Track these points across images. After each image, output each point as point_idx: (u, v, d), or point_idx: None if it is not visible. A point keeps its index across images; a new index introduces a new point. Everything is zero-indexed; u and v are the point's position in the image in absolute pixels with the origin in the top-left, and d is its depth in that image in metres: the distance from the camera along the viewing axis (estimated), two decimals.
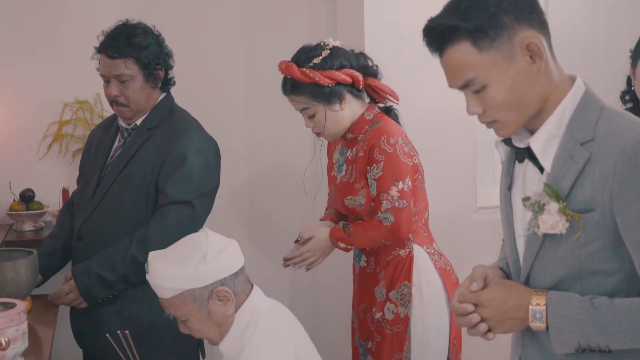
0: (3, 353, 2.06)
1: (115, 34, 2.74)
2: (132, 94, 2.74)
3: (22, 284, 2.53)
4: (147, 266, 2.09)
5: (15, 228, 3.85)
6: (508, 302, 1.68)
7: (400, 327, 2.70)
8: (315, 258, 2.82)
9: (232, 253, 2.09)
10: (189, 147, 2.71)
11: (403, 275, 2.70)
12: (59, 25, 3.95)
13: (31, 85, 3.93)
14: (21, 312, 2.13)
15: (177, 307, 2.07)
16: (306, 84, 2.66)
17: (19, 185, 3.86)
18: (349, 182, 2.74)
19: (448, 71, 1.68)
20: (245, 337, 2.06)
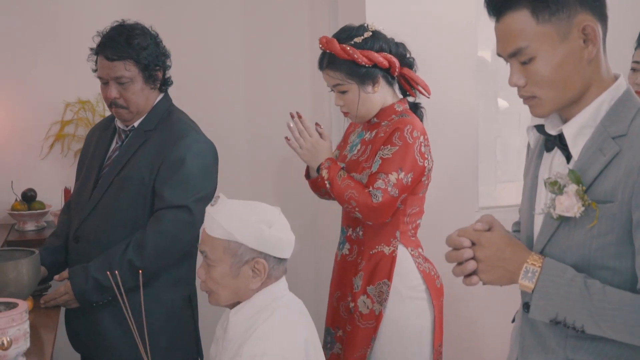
0: (5, 353, 2.07)
1: (113, 36, 2.71)
2: (132, 96, 2.73)
3: (24, 283, 2.53)
4: (216, 198, 2.09)
5: (17, 228, 3.85)
6: (506, 251, 1.68)
7: (372, 323, 2.70)
8: (303, 145, 2.76)
9: (289, 242, 2.10)
10: (187, 151, 2.70)
11: (383, 273, 2.69)
12: (61, 25, 3.95)
13: (33, 85, 3.93)
14: (23, 312, 2.13)
15: (215, 249, 2.05)
16: (344, 60, 2.68)
17: (21, 185, 3.86)
18: (357, 160, 2.75)
19: (501, 37, 1.69)
20: (258, 320, 2.04)
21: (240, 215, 2.06)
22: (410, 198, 2.69)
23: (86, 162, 2.90)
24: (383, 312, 2.67)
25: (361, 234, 2.74)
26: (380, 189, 2.58)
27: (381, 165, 2.62)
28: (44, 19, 3.94)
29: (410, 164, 2.62)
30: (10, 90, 3.90)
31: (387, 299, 2.67)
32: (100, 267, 2.61)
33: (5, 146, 3.92)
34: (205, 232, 2.10)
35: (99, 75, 2.76)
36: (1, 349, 2.05)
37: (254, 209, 2.10)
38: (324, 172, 2.70)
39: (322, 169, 2.71)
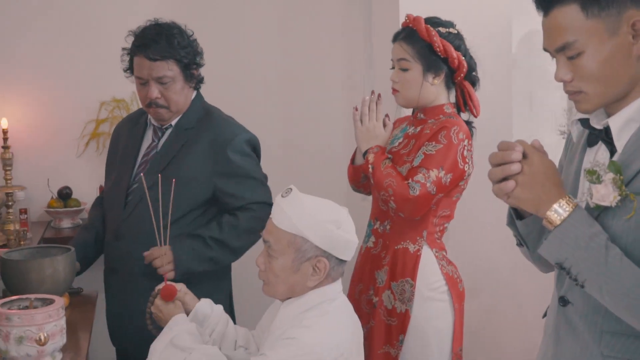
0: (42, 348, 2.09)
1: (153, 36, 2.69)
2: (174, 96, 2.71)
3: (60, 280, 2.55)
4: (288, 191, 2.08)
5: (53, 225, 3.90)
6: (550, 179, 1.61)
7: (394, 321, 2.69)
8: (365, 122, 2.76)
9: (353, 244, 2.09)
10: (246, 148, 2.77)
11: (407, 271, 2.68)
12: (97, 24, 4.00)
13: (69, 84, 3.98)
14: (59, 308, 2.16)
15: (279, 241, 2.05)
16: (422, 39, 2.68)
17: (57, 183, 3.91)
18: (398, 153, 2.74)
19: (549, 32, 1.67)
20: (307, 315, 2.04)
21: (310, 212, 2.04)
22: (444, 200, 2.67)
23: (117, 158, 2.88)
24: (410, 311, 2.66)
25: (388, 228, 2.74)
26: (420, 182, 2.57)
27: (423, 160, 2.61)
28: (80, 20, 3.98)
29: (451, 164, 2.61)
30: (47, 90, 3.95)
31: (412, 298, 2.66)
32: (199, 240, 2.68)
33: (42, 145, 3.97)
34: (272, 222, 2.09)
35: (138, 75, 2.72)
36: (38, 344, 2.08)
37: (324, 207, 2.09)
38: (370, 156, 2.69)
39: (369, 152, 2.70)
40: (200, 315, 2.27)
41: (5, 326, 2.08)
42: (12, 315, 2.09)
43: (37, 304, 2.21)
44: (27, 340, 2.08)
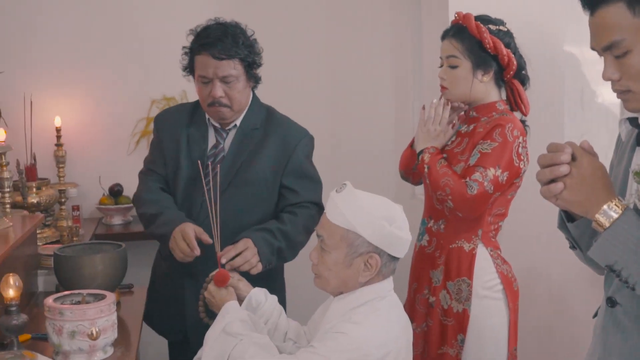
0: (94, 343, 2.12)
1: (219, 35, 2.66)
2: (237, 95, 2.69)
3: (112, 276, 2.59)
4: (342, 186, 2.10)
5: (104, 222, 3.96)
6: (600, 181, 1.59)
7: (451, 321, 2.68)
8: (428, 124, 2.75)
9: (406, 241, 2.09)
10: (309, 150, 2.79)
11: (463, 270, 2.67)
12: (147, 24, 4.04)
13: (121, 83, 4.03)
14: (111, 304, 2.19)
15: (332, 236, 2.07)
16: (471, 36, 2.67)
17: (109, 180, 3.97)
18: (452, 151, 2.73)
19: (596, 31, 1.65)
20: (357, 311, 2.04)
21: (364, 207, 2.05)
22: (499, 198, 2.65)
23: (177, 156, 2.77)
24: (469, 311, 2.65)
25: (442, 227, 2.73)
26: (477, 181, 2.56)
27: (480, 159, 2.60)
28: (132, 20, 4.03)
29: (507, 162, 2.60)
30: (99, 89, 4.01)
31: (470, 297, 2.64)
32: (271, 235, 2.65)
33: (94, 143, 4.03)
34: (325, 217, 2.10)
35: (202, 74, 2.67)
36: (90, 339, 2.11)
37: (378, 203, 2.09)
38: (425, 155, 2.68)
39: (425, 152, 2.69)
40: (254, 302, 2.29)
41: (59, 320, 2.11)
42: (65, 310, 2.12)
43: (89, 299, 2.25)
44: (80, 335, 2.11)
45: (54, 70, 3.96)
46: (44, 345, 2.27)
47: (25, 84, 3.86)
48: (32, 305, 2.69)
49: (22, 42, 3.94)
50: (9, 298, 2.11)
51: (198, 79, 2.70)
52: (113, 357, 2.21)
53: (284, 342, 2.28)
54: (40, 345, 2.29)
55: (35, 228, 2.78)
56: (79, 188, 3.86)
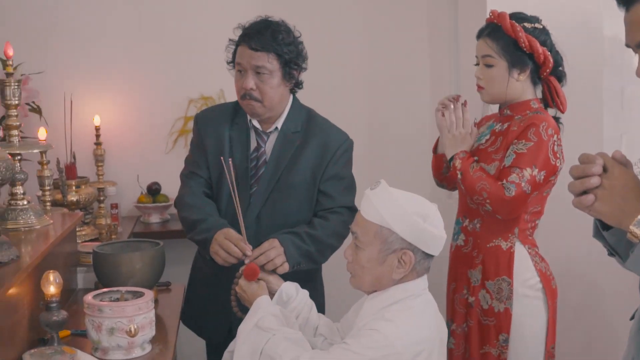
0: (132, 339, 2.15)
1: (260, 28, 2.68)
2: (269, 90, 2.67)
3: (150, 274, 2.61)
4: (376, 184, 2.11)
5: (142, 220, 4.00)
6: (632, 191, 1.57)
7: (492, 321, 2.67)
8: (452, 130, 2.74)
9: (440, 239, 2.09)
10: (345, 159, 2.76)
11: (502, 269, 2.66)
12: (186, 24, 4.07)
13: (159, 83, 4.07)
14: (149, 301, 2.21)
15: (366, 232, 2.07)
16: (506, 35, 2.66)
17: (147, 178, 4.01)
18: (486, 150, 2.72)
19: (630, 27, 1.63)
20: (390, 309, 2.05)
21: (397, 203, 2.05)
22: (535, 197, 2.64)
23: (220, 156, 2.71)
24: (511, 310, 2.64)
25: (478, 227, 2.71)
26: (514, 183, 2.55)
27: (515, 159, 2.58)
28: (169, 19, 4.06)
29: (544, 161, 2.58)
30: (137, 89, 4.05)
31: (512, 296, 2.63)
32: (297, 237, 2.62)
33: (133, 142, 4.07)
34: (360, 214, 2.11)
35: (237, 61, 2.70)
36: (129, 336, 2.14)
37: (412, 200, 2.09)
38: (457, 162, 2.67)
39: (455, 158, 2.68)
40: (284, 296, 2.31)
41: (98, 317, 2.14)
42: (104, 307, 2.15)
43: (127, 296, 2.27)
44: (118, 332, 2.13)
45: (94, 69, 4.01)
46: (84, 342, 2.30)
47: (66, 84, 3.91)
48: (72, 302, 2.72)
49: (63, 42, 3.99)
50: (49, 295, 2.14)
51: (235, 70, 2.72)
52: (151, 354, 2.23)
53: (314, 337, 2.28)
54: (80, 342, 2.31)
55: (74, 226, 2.82)
56: (118, 186, 3.90)
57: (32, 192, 3.14)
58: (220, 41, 2.84)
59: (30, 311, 2.19)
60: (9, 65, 2.61)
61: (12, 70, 2.62)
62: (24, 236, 2.42)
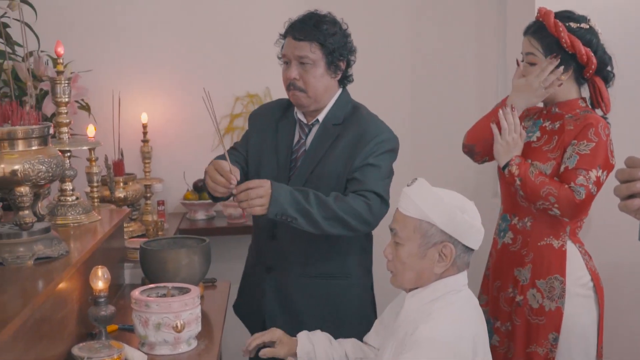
0: (178, 335, 2.16)
1: (304, 19, 2.72)
2: (312, 79, 2.69)
3: (196, 270, 2.63)
4: (413, 181, 2.12)
5: (188, 217, 4.02)
6: None
7: (542, 320, 2.64)
8: (505, 137, 2.67)
9: (479, 232, 2.10)
10: (382, 149, 2.69)
11: (554, 268, 2.63)
12: (232, 22, 4.09)
13: (206, 80, 4.07)
14: (195, 297, 2.23)
15: (405, 227, 2.08)
16: (549, 34, 2.64)
17: (193, 175, 4.03)
18: (540, 149, 2.69)
19: None
20: (433, 306, 2.05)
21: (436, 196, 2.07)
22: None
23: (266, 149, 2.81)
24: (562, 309, 2.61)
25: (529, 225, 2.69)
26: (583, 185, 2.53)
27: (579, 161, 2.56)
28: (215, 17, 4.09)
29: (605, 161, 2.58)
30: (184, 86, 4.07)
31: (564, 295, 2.61)
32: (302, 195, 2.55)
33: (179, 139, 4.10)
34: (398, 211, 2.12)
35: (283, 53, 2.74)
36: (175, 331, 2.15)
37: (450, 193, 2.11)
38: (513, 168, 2.64)
39: (511, 165, 2.65)
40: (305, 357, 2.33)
41: (145, 312, 2.16)
42: (151, 302, 2.17)
43: (174, 292, 2.29)
44: (165, 327, 2.15)
45: (142, 67, 4.05)
46: (131, 336, 2.32)
47: (114, 82, 3.95)
48: (119, 297, 2.75)
49: (111, 41, 4.03)
50: (97, 290, 2.17)
51: (283, 61, 2.75)
52: (197, 350, 2.25)
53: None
54: (127, 336, 2.34)
55: (122, 222, 2.85)
56: (164, 183, 3.94)
57: (81, 189, 3.19)
58: (267, 39, 2.86)
59: (79, 306, 2.22)
60: (60, 63, 2.65)
61: (63, 68, 2.66)
62: (72, 232, 2.45)
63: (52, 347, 1.95)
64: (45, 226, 2.08)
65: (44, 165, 1.98)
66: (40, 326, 1.84)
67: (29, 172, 1.95)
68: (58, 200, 2.57)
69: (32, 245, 2.00)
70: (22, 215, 1.98)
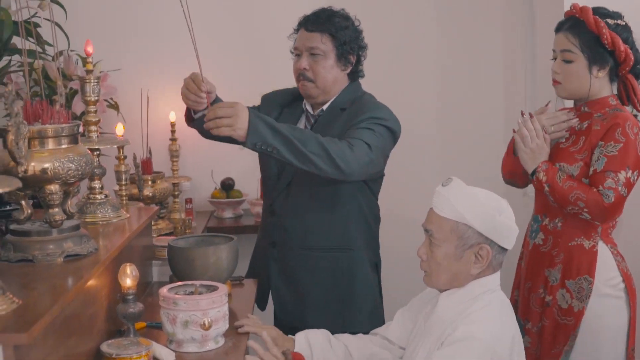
0: (206, 333, 2.17)
1: (318, 12, 2.81)
2: (322, 70, 2.77)
3: (223, 268, 2.64)
4: (448, 180, 2.12)
5: (216, 215, 4.04)
6: None
7: (571, 320, 2.63)
8: (528, 144, 2.66)
9: (514, 232, 2.10)
10: (374, 120, 2.67)
11: (584, 268, 2.61)
12: (257, 21, 4.10)
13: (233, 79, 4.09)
14: (223, 295, 2.24)
15: (441, 228, 2.08)
16: (589, 31, 2.61)
17: (221, 174, 4.05)
18: (567, 150, 2.67)
19: None
20: (472, 306, 2.05)
21: (474, 198, 2.06)
22: None
23: None
24: (585, 309, 2.59)
25: (559, 225, 2.67)
26: (612, 188, 2.51)
27: (607, 163, 2.54)
28: (242, 16, 4.10)
29: (635, 161, 2.54)
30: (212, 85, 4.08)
31: (590, 296, 2.58)
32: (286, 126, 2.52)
33: None
34: (433, 211, 2.11)
35: (295, 45, 2.83)
36: (202, 329, 2.16)
37: (486, 194, 2.10)
38: (541, 175, 2.62)
39: (539, 171, 2.64)
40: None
41: (173, 310, 2.17)
42: (178, 300, 2.18)
43: (202, 290, 2.30)
44: (192, 325, 2.16)
45: (170, 66, 4.06)
46: (159, 334, 2.34)
47: (143, 80, 3.97)
48: (147, 294, 2.77)
49: (140, 40, 4.06)
50: (126, 287, 2.18)
51: (294, 54, 2.83)
52: (224, 348, 2.25)
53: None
54: (155, 334, 2.35)
55: (150, 220, 2.86)
56: (192, 181, 3.95)
57: (110, 187, 3.20)
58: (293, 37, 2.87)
59: (107, 303, 2.24)
60: (89, 62, 2.67)
61: (92, 67, 2.68)
62: (101, 229, 2.47)
63: (81, 344, 1.97)
64: (74, 224, 2.09)
65: (74, 163, 2.00)
66: (69, 323, 1.85)
67: (59, 170, 1.96)
68: (87, 198, 2.59)
69: (61, 243, 2.01)
70: (52, 213, 2.00)
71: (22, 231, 2.01)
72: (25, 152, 1.85)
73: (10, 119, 1.80)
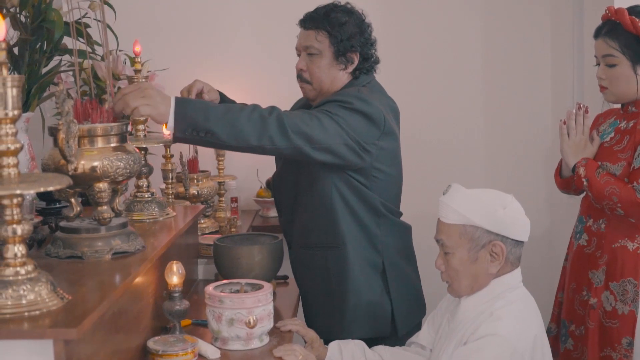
0: (251, 331, 2.19)
1: (317, 9, 2.69)
2: (317, 70, 2.64)
3: (268, 267, 2.65)
4: (448, 188, 2.13)
5: (261, 214, 4.06)
6: None
7: (616, 323, 2.59)
8: (572, 137, 2.66)
9: (525, 223, 2.10)
10: (338, 98, 2.52)
11: (628, 270, 2.57)
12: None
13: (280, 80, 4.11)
14: (268, 294, 2.25)
15: (451, 236, 2.09)
16: (628, 32, 2.58)
17: (266, 173, 4.05)
18: (611, 149, 2.65)
19: None
20: (493, 305, 2.05)
21: (474, 198, 2.07)
22: None
23: None
24: (636, 312, 2.55)
25: (603, 227, 2.64)
26: None
27: None
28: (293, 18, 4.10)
29: None
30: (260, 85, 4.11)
31: (638, 299, 2.55)
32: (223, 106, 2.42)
33: None
34: (440, 221, 2.13)
35: (295, 46, 2.73)
36: (248, 327, 2.18)
37: (487, 192, 2.11)
38: (581, 169, 2.61)
39: (579, 167, 2.62)
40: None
41: (218, 308, 2.19)
42: (224, 298, 2.20)
43: (247, 288, 2.32)
44: (238, 323, 2.18)
45: (217, 66, 4.09)
46: (204, 331, 2.35)
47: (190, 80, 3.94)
48: (193, 292, 2.79)
49: (187, 40, 4.10)
50: (172, 285, 2.21)
51: (296, 52, 2.75)
52: (269, 346, 2.26)
53: None
54: (200, 331, 2.37)
55: (196, 218, 2.89)
56: (238, 180, 3.97)
57: (157, 185, 3.24)
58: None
59: (154, 300, 2.26)
60: (137, 62, 2.70)
61: (140, 67, 2.72)
62: (148, 227, 2.49)
63: (128, 340, 1.99)
64: (122, 221, 2.12)
65: (122, 161, 2.02)
66: (117, 319, 1.88)
67: (108, 169, 1.99)
68: (134, 197, 2.62)
69: (109, 240, 2.04)
70: (100, 211, 2.03)
71: (72, 228, 2.04)
72: (75, 150, 1.88)
73: (61, 117, 1.83)
